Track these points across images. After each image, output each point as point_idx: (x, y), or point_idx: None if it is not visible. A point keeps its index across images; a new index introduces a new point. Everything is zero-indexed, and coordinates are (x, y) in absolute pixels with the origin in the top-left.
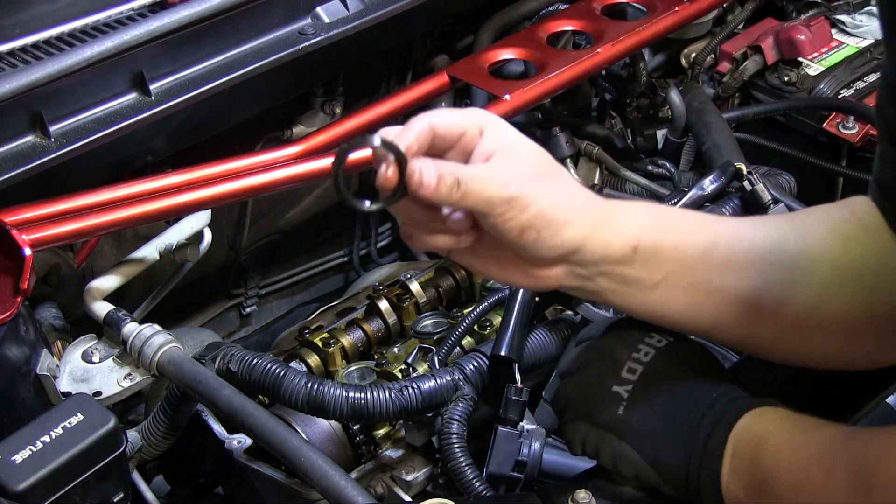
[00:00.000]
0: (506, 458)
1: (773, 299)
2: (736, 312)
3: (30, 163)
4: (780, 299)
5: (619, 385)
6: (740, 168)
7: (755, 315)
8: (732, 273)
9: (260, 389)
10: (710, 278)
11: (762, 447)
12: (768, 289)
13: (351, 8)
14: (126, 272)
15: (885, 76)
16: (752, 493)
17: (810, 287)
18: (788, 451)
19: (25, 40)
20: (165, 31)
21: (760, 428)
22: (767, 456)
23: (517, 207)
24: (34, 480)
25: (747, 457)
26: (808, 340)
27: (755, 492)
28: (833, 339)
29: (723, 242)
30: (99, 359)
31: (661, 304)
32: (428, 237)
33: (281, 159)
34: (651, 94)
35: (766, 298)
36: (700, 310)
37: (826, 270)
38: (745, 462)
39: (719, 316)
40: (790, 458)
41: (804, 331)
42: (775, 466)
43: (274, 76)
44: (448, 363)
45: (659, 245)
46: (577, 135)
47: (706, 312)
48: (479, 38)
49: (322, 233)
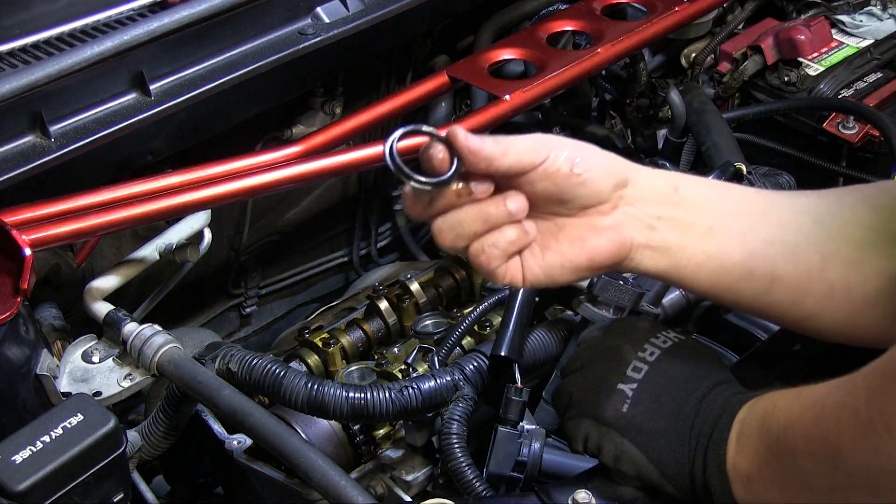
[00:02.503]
0: (506, 458)
1: (818, 254)
2: (787, 267)
3: (30, 163)
4: (824, 254)
5: (624, 383)
6: (740, 168)
7: (805, 272)
8: (772, 225)
9: (260, 389)
10: (755, 228)
11: (770, 413)
12: (810, 244)
13: (351, 8)
14: (126, 272)
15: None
16: (764, 459)
17: (848, 244)
18: (800, 401)
19: (25, 40)
20: (165, 31)
21: (766, 401)
22: (779, 413)
23: (557, 146)
24: (34, 480)
25: (755, 428)
26: (854, 303)
27: (767, 456)
28: (880, 302)
29: (755, 199)
30: (99, 359)
31: (721, 255)
32: (496, 237)
33: (281, 159)
34: (651, 94)
35: (810, 254)
36: (756, 261)
37: (861, 231)
38: (754, 434)
39: (774, 270)
40: (803, 403)
41: (851, 291)
42: (788, 416)
43: (274, 76)
44: (448, 363)
45: (698, 190)
46: (577, 135)
47: (762, 265)
48: (479, 38)
49: (322, 233)
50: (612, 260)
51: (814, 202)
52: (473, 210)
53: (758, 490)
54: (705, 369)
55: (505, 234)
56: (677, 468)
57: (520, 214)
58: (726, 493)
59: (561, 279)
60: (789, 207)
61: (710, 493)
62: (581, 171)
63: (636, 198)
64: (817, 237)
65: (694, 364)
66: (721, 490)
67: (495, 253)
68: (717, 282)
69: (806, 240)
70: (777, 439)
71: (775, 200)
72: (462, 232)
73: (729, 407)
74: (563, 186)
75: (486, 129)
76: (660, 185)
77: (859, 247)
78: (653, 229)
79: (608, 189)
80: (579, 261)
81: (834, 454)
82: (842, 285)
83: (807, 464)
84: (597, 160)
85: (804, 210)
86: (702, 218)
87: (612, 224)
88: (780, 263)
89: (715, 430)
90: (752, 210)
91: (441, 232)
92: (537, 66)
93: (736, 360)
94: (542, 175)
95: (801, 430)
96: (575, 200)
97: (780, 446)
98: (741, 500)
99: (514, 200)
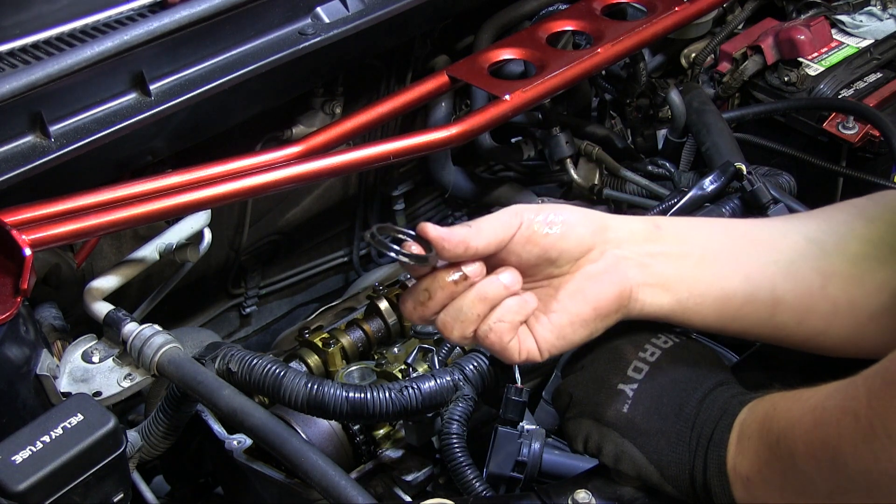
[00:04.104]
0: (506, 458)
1: (816, 272)
2: (787, 287)
3: (30, 163)
4: (823, 272)
5: (625, 384)
6: (740, 168)
7: (806, 290)
8: (763, 248)
9: (260, 389)
10: (748, 252)
11: (770, 415)
12: (806, 263)
13: (351, 8)
14: (126, 272)
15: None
16: (764, 461)
17: (846, 260)
18: (800, 403)
19: (25, 40)
20: (165, 31)
21: (767, 403)
22: (779, 415)
23: (526, 211)
24: (34, 480)
25: (755, 430)
26: (858, 318)
27: (768, 458)
28: (885, 314)
29: (741, 227)
30: (99, 359)
31: (720, 281)
32: (500, 312)
33: (281, 159)
34: (651, 94)
35: (808, 272)
36: (755, 284)
37: (857, 245)
38: (754, 435)
39: (775, 291)
40: (803, 406)
41: (854, 306)
42: (789, 419)
43: (274, 76)
44: (448, 363)
45: (679, 224)
46: (577, 135)
47: (762, 288)
48: (479, 38)
49: (322, 233)
50: (617, 304)
51: (803, 222)
52: (471, 294)
53: (758, 492)
54: (706, 370)
55: (507, 307)
56: (678, 469)
57: (516, 286)
58: (727, 495)
59: (575, 338)
60: (778, 230)
61: (710, 494)
62: (558, 225)
63: (621, 240)
64: (813, 255)
65: (694, 364)
66: (721, 491)
67: (503, 327)
68: (723, 312)
69: (802, 258)
70: (777, 441)
71: (762, 226)
72: (466, 318)
73: (729, 408)
74: (546, 246)
75: (486, 128)
76: (639, 226)
77: (858, 261)
78: (646, 266)
79: (589, 235)
80: (585, 313)
81: (834, 457)
82: (845, 301)
83: (807, 466)
84: (569, 211)
85: (794, 230)
86: (691, 248)
87: (606, 268)
88: (779, 284)
89: (715, 431)
90: (740, 237)
91: (446, 326)
92: (537, 66)
93: (736, 360)
94: (523, 241)
95: (801, 433)
96: (562, 256)
97: (780, 448)
98: (741, 501)
99: (506, 274)
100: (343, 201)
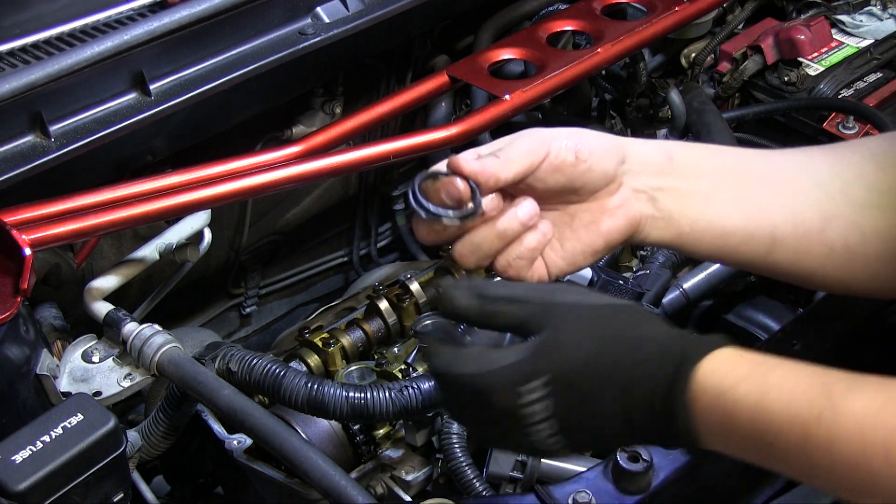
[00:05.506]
0: (506, 459)
1: (817, 216)
2: (786, 229)
3: (30, 163)
4: (824, 215)
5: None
6: None
7: (804, 234)
8: (770, 187)
9: (260, 389)
10: (754, 191)
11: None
12: (809, 206)
13: (351, 8)
14: (126, 272)
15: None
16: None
17: (850, 205)
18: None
19: (25, 40)
20: (165, 31)
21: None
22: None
23: (555, 138)
24: (34, 480)
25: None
26: (853, 263)
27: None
28: (878, 261)
29: (753, 161)
30: (99, 359)
31: (721, 220)
32: (519, 249)
33: (281, 159)
34: (651, 94)
35: (809, 215)
36: (755, 225)
37: (862, 192)
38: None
39: (774, 233)
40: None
41: (850, 251)
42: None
43: (274, 76)
44: None
45: (692, 155)
46: None
47: (761, 228)
48: (479, 38)
49: (322, 233)
50: (627, 235)
51: (815, 162)
52: (488, 230)
53: None
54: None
55: (526, 244)
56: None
57: (532, 220)
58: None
59: (583, 264)
60: (788, 171)
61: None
62: (586, 156)
63: (634, 171)
64: (817, 198)
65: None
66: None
67: (522, 264)
68: (720, 247)
69: (805, 201)
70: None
71: (774, 161)
72: (483, 253)
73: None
74: (573, 175)
75: (486, 128)
76: (654, 155)
77: (860, 207)
78: (655, 201)
79: (613, 168)
80: (597, 244)
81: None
82: (841, 246)
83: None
84: (596, 142)
85: (804, 172)
86: (699, 184)
87: (621, 202)
88: (779, 225)
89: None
90: (750, 173)
91: (463, 257)
92: (537, 66)
93: None
94: (550, 170)
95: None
96: (586, 186)
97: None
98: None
99: (523, 209)
100: (343, 201)
